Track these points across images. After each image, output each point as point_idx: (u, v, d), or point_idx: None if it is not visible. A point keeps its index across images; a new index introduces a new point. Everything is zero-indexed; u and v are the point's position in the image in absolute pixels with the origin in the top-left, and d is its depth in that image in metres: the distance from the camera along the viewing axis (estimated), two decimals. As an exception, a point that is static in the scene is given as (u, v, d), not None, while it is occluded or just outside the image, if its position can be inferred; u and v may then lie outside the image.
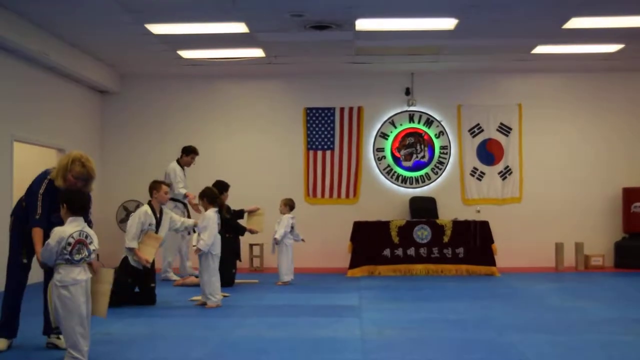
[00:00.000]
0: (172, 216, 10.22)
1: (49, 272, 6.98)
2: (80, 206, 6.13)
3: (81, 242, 6.01)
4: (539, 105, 15.47)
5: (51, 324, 6.38)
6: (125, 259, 9.67)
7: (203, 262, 9.64)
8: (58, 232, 6.02)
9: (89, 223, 6.37)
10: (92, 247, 6.07)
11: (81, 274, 6.00)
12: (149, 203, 9.97)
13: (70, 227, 6.05)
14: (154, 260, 9.87)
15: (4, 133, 11.56)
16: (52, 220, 6.73)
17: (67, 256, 5.93)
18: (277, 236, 12.16)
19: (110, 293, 6.43)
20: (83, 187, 6.75)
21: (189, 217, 12.29)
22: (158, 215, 9.94)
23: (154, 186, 10.07)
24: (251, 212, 12.52)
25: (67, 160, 6.72)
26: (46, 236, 6.28)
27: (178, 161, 13.23)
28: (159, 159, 15.39)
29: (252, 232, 12.31)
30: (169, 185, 10.21)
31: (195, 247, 9.67)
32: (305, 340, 7.22)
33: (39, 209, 6.67)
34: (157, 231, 9.87)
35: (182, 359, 6.49)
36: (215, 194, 10.09)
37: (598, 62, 14.40)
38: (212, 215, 9.76)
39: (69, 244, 5.96)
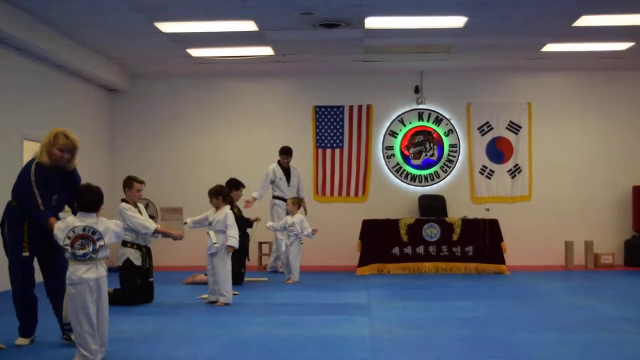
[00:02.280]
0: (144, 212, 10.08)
1: (50, 272, 6.99)
2: (88, 202, 6.09)
3: (85, 237, 5.91)
4: (549, 104, 15.43)
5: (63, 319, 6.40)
6: (128, 259, 9.62)
7: (223, 259, 9.64)
8: (64, 221, 6.03)
9: None
10: (100, 243, 5.94)
11: (89, 272, 5.90)
12: (124, 200, 9.76)
13: (76, 220, 6.01)
14: (151, 257, 9.87)
15: (14, 131, 11.59)
16: (53, 204, 6.76)
17: (69, 250, 5.89)
18: (306, 232, 12.19)
19: (122, 294, 6.45)
20: (70, 159, 6.83)
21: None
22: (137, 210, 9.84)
23: (127, 183, 9.83)
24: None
25: (50, 135, 6.77)
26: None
27: (279, 162, 13.85)
28: (168, 157, 15.47)
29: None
30: (142, 182, 10.08)
31: (216, 244, 9.64)
32: (314, 339, 7.22)
33: (38, 199, 6.63)
34: None
35: (191, 356, 6.50)
36: (228, 191, 10.16)
37: (608, 60, 14.36)
38: (231, 212, 9.82)
39: (69, 237, 5.91)
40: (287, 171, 13.90)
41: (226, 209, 9.83)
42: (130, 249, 9.63)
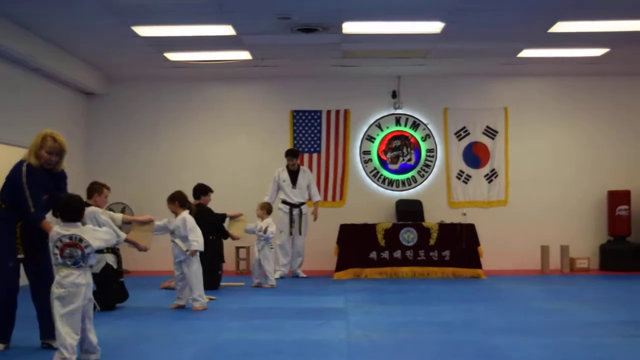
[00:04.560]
0: (111, 214, 10.02)
1: (36, 275, 6.98)
2: (74, 215, 6.16)
3: (72, 245, 6.00)
4: (525, 109, 15.52)
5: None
6: (107, 264, 9.58)
7: (191, 264, 9.62)
8: (52, 233, 6.10)
9: None
10: (87, 250, 6.05)
11: (80, 278, 6.01)
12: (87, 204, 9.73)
13: (62, 229, 6.07)
14: (120, 256, 9.86)
15: (-11, 135, 11.51)
16: (44, 204, 6.80)
17: (59, 259, 5.96)
18: (270, 233, 12.17)
19: (103, 298, 6.49)
20: (58, 162, 6.93)
21: None
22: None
23: (97, 189, 9.68)
24: (233, 217, 12.52)
25: (38, 138, 6.86)
26: None
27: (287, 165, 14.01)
28: (145, 161, 15.41)
29: (233, 238, 12.29)
30: (108, 188, 10.04)
31: (187, 251, 9.63)
32: (291, 343, 7.22)
33: (30, 200, 6.68)
34: None
35: (168, 362, 6.49)
36: (185, 197, 10.08)
37: (584, 66, 14.46)
38: (190, 217, 9.79)
39: (57, 246, 5.97)
40: (294, 174, 13.92)
41: (183, 214, 9.79)
42: (108, 254, 9.60)
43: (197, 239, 9.64)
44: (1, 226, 6.90)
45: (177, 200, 9.88)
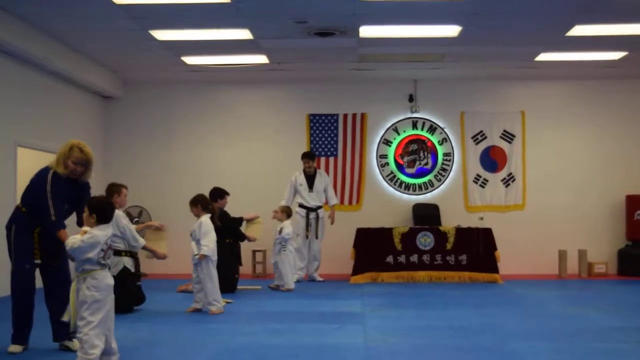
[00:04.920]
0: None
1: (53, 278, 7.01)
2: (110, 216, 6.20)
3: (110, 248, 6.08)
4: (543, 113, 15.46)
5: (69, 327, 6.40)
6: (125, 267, 9.60)
7: (204, 268, 9.63)
8: (94, 236, 6.00)
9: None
10: (109, 253, 6.10)
11: (109, 279, 6.05)
12: None
13: (102, 234, 6.05)
14: (138, 260, 9.90)
15: (7, 138, 11.57)
16: (63, 213, 6.84)
17: (102, 262, 5.98)
18: (286, 234, 12.17)
19: (120, 301, 6.49)
20: (83, 172, 6.98)
21: None
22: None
23: (116, 190, 9.68)
24: (250, 220, 12.55)
25: (66, 147, 6.91)
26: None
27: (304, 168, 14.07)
28: (162, 164, 15.46)
29: (249, 239, 12.30)
30: (127, 188, 10.11)
31: (197, 255, 9.66)
32: (308, 347, 7.21)
33: (52, 209, 6.74)
34: None
35: (184, 365, 6.49)
36: (207, 200, 10.11)
37: (601, 69, 14.40)
38: (209, 221, 9.79)
39: (102, 250, 6.00)
40: (310, 177, 13.94)
41: (203, 218, 9.80)
42: (126, 257, 9.62)
43: (208, 244, 9.62)
44: (20, 229, 6.95)
45: (199, 204, 9.89)
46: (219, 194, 11.86)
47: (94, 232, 5.97)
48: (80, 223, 7.08)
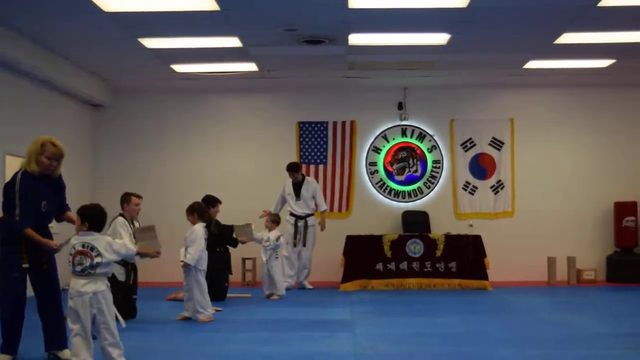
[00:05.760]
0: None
1: (42, 285, 7.00)
2: (98, 225, 6.22)
3: (83, 253, 6.05)
4: (531, 120, 15.51)
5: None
6: (112, 275, 9.46)
7: (191, 276, 9.61)
8: (68, 242, 6.20)
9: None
10: (97, 260, 6.07)
11: (87, 286, 6.04)
12: (121, 215, 9.87)
13: (78, 238, 6.14)
14: (136, 274, 9.86)
15: (-4, 146, 11.55)
16: (43, 210, 6.80)
17: (71, 267, 6.01)
18: (273, 237, 12.16)
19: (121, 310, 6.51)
20: (56, 167, 6.99)
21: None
22: (132, 227, 9.86)
23: (125, 198, 9.91)
24: (240, 226, 12.52)
25: (37, 145, 6.94)
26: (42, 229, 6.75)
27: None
28: (151, 171, 15.43)
29: (242, 242, 12.28)
30: (140, 197, 10.15)
31: (182, 262, 9.64)
32: (297, 355, 7.22)
33: (17, 208, 6.70)
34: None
35: (174, 373, 6.49)
36: (204, 208, 10.10)
37: (590, 77, 14.47)
38: (200, 229, 9.76)
39: (70, 254, 6.06)
40: (297, 186, 13.96)
41: (195, 226, 9.77)
42: (115, 264, 9.55)
43: (192, 252, 9.55)
44: (5, 237, 6.93)
45: (196, 212, 9.87)
46: (211, 202, 11.82)
47: (70, 239, 6.14)
48: (59, 219, 7.20)
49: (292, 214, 13.86)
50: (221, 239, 11.79)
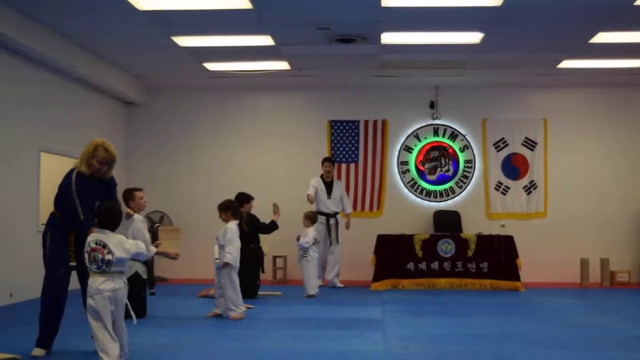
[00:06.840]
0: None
1: (86, 280, 7.07)
2: (110, 223, 6.24)
3: (96, 250, 6.09)
4: (565, 120, 15.39)
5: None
6: (136, 272, 9.47)
7: (226, 274, 9.63)
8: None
9: None
10: (108, 257, 6.08)
11: (106, 284, 6.07)
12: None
13: (91, 237, 6.20)
14: (150, 267, 9.90)
15: (31, 144, 11.66)
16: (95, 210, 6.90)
17: (87, 264, 6.06)
18: (304, 242, 12.15)
19: (132, 306, 6.53)
20: (107, 171, 7.06)
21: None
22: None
23: (128, 195, 9.65)
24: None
25: (90, 147, 7.00)
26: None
27: (321, 175, 14.26)
28: (183, 170, 15.52)
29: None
30: (141, 189, 10.09)
31: (222, 261, 9.63)
32: (328, 354, 7.21)
33: (79, 208, 6.79)
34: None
35: (205, 370, 6.51)
36: (237, 206, 10.12)
37: (624, 77, 14.33)
38: (234, 228, 9.77)
39: (86, 251, 6.12)
40: (329, 184, 14.09)
41: (229, 224, 9.79)
42: (137, 263, 9.55)
43: (231, 252, 9.57)
44: (54, 234, 7.02)
45: (229, 210, 9.86)
46: (244, 198, 11.84)
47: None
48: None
49: (322, 212, 13.84)
50: (258, 231, 11.84)
